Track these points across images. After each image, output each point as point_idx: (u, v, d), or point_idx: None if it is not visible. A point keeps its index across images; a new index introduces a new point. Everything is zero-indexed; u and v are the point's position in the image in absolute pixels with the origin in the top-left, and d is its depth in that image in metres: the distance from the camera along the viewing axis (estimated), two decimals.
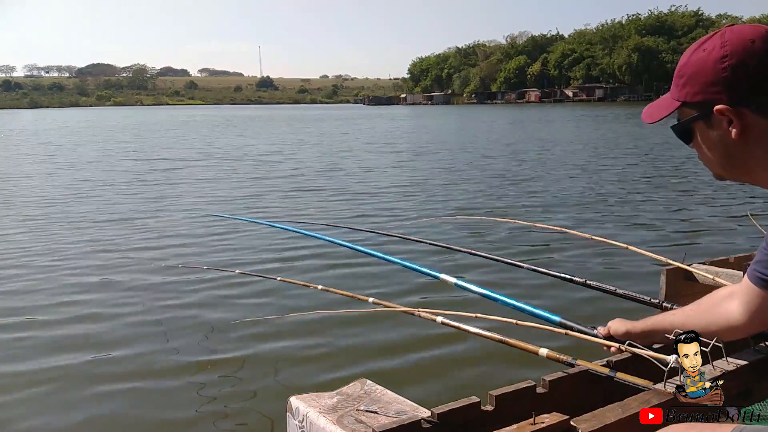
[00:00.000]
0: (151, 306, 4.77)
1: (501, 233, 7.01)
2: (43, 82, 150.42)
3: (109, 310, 4.68)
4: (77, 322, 4.44)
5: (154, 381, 3.54)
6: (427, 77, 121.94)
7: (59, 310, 4.67)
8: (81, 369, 3.69)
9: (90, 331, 4.26)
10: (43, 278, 5.47)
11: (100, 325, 4.40)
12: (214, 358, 3.80)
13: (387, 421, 1.51)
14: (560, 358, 1.75)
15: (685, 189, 10.20)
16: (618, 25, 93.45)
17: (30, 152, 20.65)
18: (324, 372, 3.59)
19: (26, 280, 5.42)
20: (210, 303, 4.79)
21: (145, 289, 5.18)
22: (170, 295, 5.01)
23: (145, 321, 4.47)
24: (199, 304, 4.77)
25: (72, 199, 10.16)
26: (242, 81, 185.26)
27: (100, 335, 4.21)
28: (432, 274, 2.42)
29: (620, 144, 19.51)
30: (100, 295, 5.04)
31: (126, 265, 5.88)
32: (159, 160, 16.88)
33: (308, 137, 26.76)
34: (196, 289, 5.11)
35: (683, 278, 2.59)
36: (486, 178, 12.13)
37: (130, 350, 3.95)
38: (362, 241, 6.45)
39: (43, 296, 4.99)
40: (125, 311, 4.65)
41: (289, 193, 10.47)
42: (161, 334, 4.22)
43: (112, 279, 5.48)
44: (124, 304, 4.83)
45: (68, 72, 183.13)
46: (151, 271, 5.67)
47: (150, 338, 4.15)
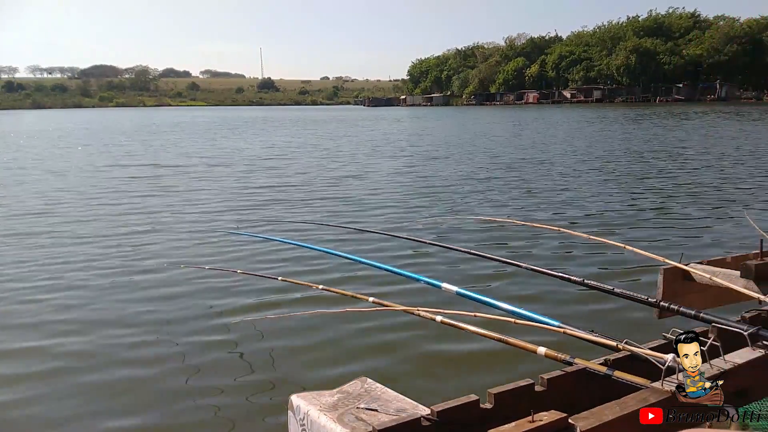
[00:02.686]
0: (153, 304, 4.80)
1: (499, 233, 7.02)
2: (45, 83, 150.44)
3: (112, 309, 4.72)
4: (73, 321, 4.46)
5: (154, 378, 3.55)
6: (426, 79, 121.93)
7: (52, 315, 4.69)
8: (84, 362, 3.71)
9: (92, 328, 4.29)
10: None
11: (104, 322, 4.43)
12: (214, 357, 3.81)
13: (387, 419, 1.52)
14: (558, 357, 1.76)
15: (683, 189, 10.22)
16: (616, 27, 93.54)
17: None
18: (324, 370, 3.61)
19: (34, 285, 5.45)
20: (211, 302, 4.82)
21: (147, 288, 5.21)
22: (172, 293, 5.04)
23: (147, 320, 4.48)
24: (200, 303, 4.79)
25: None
26: (244, 82, 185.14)
27: (102, 333, 4.23)
28: (434, 284, 2.44)
29: (619, 145, 19.54)
30: (104, 292, 5.08)
31: (129, 265, 5.91)
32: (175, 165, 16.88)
33: (316, 139, 26.77)
34: (198, 288, 5.15)
35: (681, 278, 2.60)
36: (484, 179, 12.15)
37: (129, 349, 3.96)
38: (367, 241, 6.51)
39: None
40: (128, 311, 4.67)
41: (305, 194, 10.53)
42: (163, 332, 4.24)
43: (118, 278, 5.52)
44: (126, 301, 4.87)
45: (71, 73, 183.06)
46: (154, 270, 5.71)
47: (150, 337, 4.16)
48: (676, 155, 15.76)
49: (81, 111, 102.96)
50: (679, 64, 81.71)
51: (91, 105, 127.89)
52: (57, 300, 4.95)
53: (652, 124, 30.47)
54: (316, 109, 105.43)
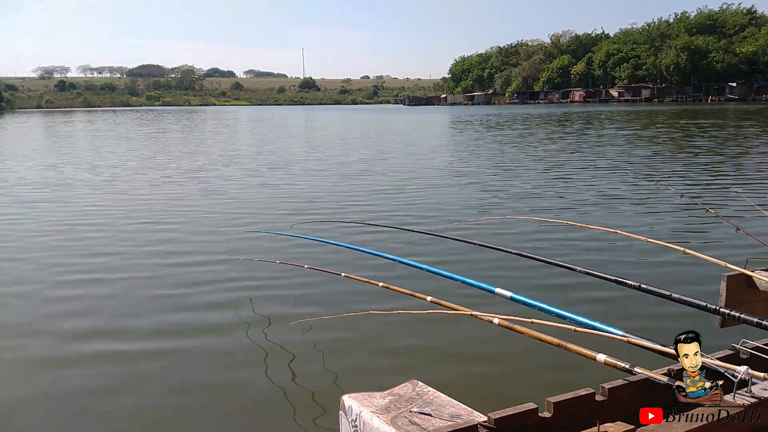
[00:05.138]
0: (220, 296, 4.97)
1: (553, 234, 6.89)
2: (95, 83, 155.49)
3: (174, 299, 4.90)
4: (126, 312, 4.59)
5: (208, 374, 3.61)
6: (468, 77, 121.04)
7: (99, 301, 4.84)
8: (135, 357, 3.81)
9: (150, 320, 4.42)
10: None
11: (164, 313, 4.60)
12: (267, 355, 3.84)
13: (442, 424, 1.49)
14: (618, 365, 1.70)
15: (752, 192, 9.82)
16: (665, 24, 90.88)
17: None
18: (375, 371, 3.61)
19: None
20: (274, 297, 4.94)
21: (208, 279, 5.42)
22: (239, 286, 5.21)
23: (210, 313, 4.61)
24: (264, 297, 4.94)
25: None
26: (286, 82, 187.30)
27: (161, 323, 4.38)
28: (487, 289, 2.40)
29: (680, 145, 18.98)
30: (169, 283, 5.28)
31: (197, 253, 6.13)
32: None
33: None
34: (266, 282, 5.30)
35: (745, 285, 2.48)
36: (536, 178, 11.96)
37: (189, 341, 4.08)
38: (414, 243, 6.48)
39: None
40: (189, 302, 4.84)
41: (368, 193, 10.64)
42: (222, 327, 4.33)
43: (180, 269, 5.75)
44: (191, 294, 5.04)
45: (119, 73, 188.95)
46: (224, 262, 5.88)
47: (210, 331, 4.26)
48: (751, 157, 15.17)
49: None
50: (732, 63, 78.79)
51: (138, 104, 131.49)
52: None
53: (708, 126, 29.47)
54: (359, 109, 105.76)
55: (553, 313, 2.08)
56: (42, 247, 6.73)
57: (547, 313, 2.10)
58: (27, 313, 4.63)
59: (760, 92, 75.96)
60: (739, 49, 79.47)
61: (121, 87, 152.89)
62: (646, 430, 1.34)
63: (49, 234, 7.43)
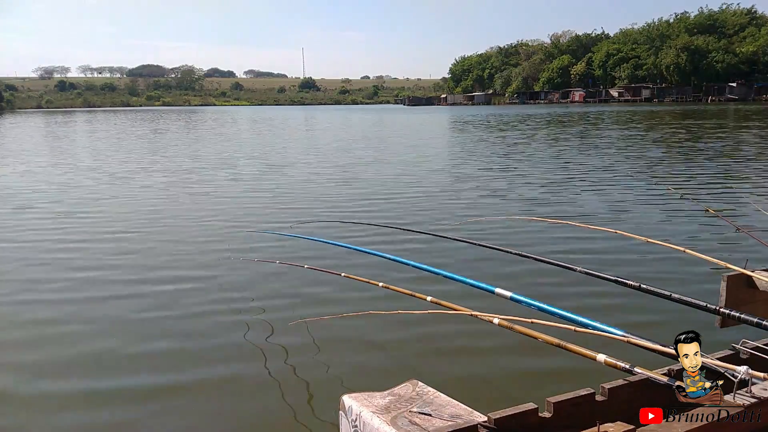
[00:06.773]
0: (219, 296, 4.97)
1: (554, 234, 6.89)
2: (95, 83, 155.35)
3: (174, 299, 4.90)
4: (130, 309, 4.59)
5: (208, 374, 3.61)
6: (468, 77, 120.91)
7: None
8: (133, 357, 3.81)
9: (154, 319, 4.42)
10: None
11: (164, 313, 4.60)
12: (269, 354, 3.84)
13: (442, 424, 1.49)
14: (618, 365, 1.70)
15: (753, 191, 9.83)
16: (665, 24, 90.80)
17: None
18: (374, 371, 3.61)
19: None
20: (274, 297, 4.94)
21: (208, 280, 5.40)
22: (239, 286, 5.22)
23: (209, 313, 4.61)
24: (264, 297, 4.94)
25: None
26: (286, 82, 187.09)
27: (160, 323, 4.38)
28: (487, 289, 2.40)
29: (680, 145, 18.97)
30: (169, 284, 5.26)
31: (195, 255, 6.09)
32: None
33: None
34: (266, 282, 5.30)
35: (746, 285, 2.48)
36: (537, 178, 11.96)
37: (188, 341, 4.07)
38: (414, 242, 6.47)
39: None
40: (189, 301, 4.84)
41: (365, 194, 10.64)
42: (222, 327, 4.33)
43: (180, 270, 5.72)
44: (191, 294, 5.04)
45: (119, 73, 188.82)
46: (224, 262, 5.87)
47: (210, 331, 4.26)
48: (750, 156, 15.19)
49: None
50: (732, 63, 78.73)
51: (138, 104, 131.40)
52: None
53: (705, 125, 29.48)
54: (358, 110, 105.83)
55: (553, 313, 2.08)
56: (40, 240, 6.74)
57: (547, 313, 2.10)
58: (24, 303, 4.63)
59: (760, 92, 75.88)
60: (739, 49, 79.40)
61: (121, 87, 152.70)
62: (646, 430, 1.34)
63: (48, 232, 7.44)
